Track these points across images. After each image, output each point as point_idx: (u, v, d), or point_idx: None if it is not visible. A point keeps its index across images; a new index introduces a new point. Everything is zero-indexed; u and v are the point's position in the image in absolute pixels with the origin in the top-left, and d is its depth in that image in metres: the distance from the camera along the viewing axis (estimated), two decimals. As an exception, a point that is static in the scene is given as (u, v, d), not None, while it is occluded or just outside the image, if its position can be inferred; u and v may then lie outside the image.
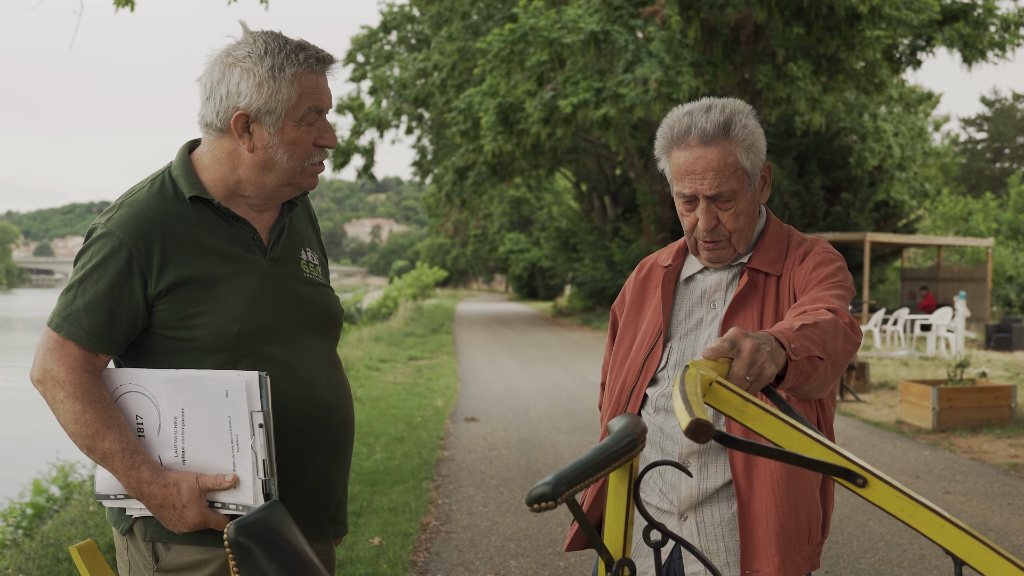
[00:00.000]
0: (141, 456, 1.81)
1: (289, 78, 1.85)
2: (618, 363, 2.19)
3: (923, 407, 9.41)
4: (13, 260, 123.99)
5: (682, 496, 2.04)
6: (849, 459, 1.25)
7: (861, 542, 5.46)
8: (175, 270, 1.85)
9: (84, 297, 1.84)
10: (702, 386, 1.35)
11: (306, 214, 2.14)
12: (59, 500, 7.08)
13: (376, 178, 31.69)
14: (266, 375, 1.79)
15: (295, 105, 1.86)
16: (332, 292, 2.10)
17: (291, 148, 1.88)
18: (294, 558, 1.65)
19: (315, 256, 2.09)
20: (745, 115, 2.02)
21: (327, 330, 2.04)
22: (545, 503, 1.20)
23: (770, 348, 1.57)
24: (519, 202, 52.98)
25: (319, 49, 1.91)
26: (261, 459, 1.79)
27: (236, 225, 1.93)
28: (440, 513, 6.15)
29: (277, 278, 1.95)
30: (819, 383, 1.74)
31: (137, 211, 1.87)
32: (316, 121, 1.90)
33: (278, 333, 1.92)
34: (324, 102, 1.90)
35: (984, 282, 23.15)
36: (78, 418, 1.80)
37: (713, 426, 1.24)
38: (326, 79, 1.92)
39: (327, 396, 1.96)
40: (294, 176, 1.91)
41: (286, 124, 1.86)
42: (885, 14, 16.77)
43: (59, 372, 1.82)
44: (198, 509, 1.80)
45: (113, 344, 1.86)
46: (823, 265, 2.00)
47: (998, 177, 52.59)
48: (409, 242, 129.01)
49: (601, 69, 18.68)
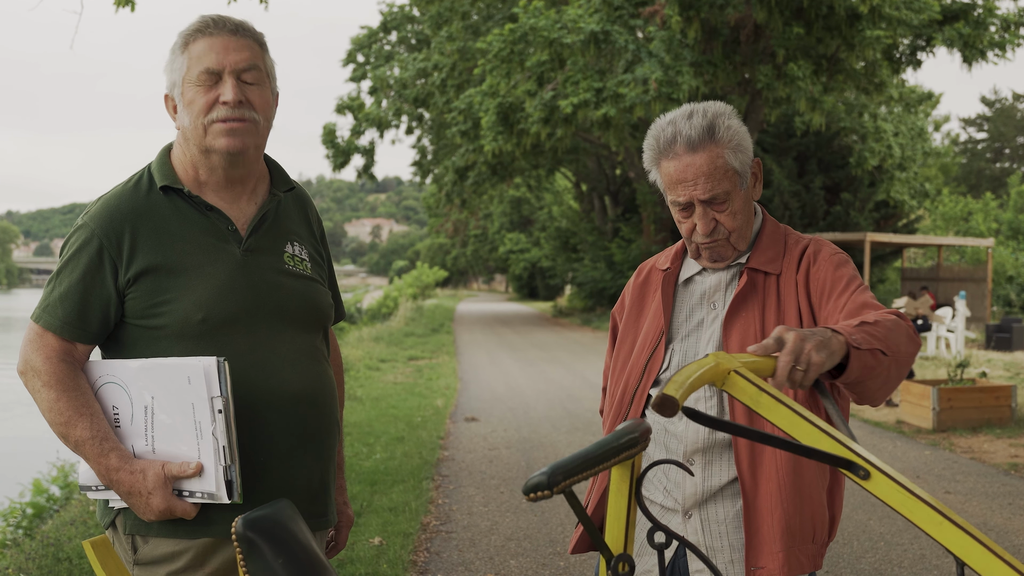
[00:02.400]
0: (110, 443, 1.84)
1: (180, 47, 1.94)
2: (619, 367, 2.20)
3: (923, 407, 9.41)
4: (13, 260, 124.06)
5: (687, 494, 2.04)
6: (854, 451, 1.25)
7: (861, 542, 5.46)
8: (143, 258, 1.89)
9: (60, 287, 1.90)
10: (720, 376, 1.40)
11: (300, 210, 2.14)
12: (59, 500, 7.08)
13: (376, 178, 31.67)
14: (224, 360, 1.80)
15: (188, 69, 1.92)
16: (319, 286, 2.08)
17: (190, 109, 1.92)
18: (301, 553, 1.66)
19: (304, 251, 2.08)
20: (727, 116, 2.02)
21: (307, 323, 2.03)
22: (541, 492, 1.20)
23: (821, 338, 1.59)
24: (519, 202, 52.98)
25: (218, 15, 1.96)
26: (222, 445, 1.80)
27: (209, 215, 1.96)
28: (440, 513, 6.15)
29: (250, 268, 1.95)
30: (883, 381, 1.75)
31: (110, 203, 1.94)
32: (216, 82, 1.91)
33: (248, 322, 1.92)
34: (216, 61, 1.90)
35: (984, 282, 23.15)
36: (52, 406, 1.85)
37: (678, 402, 1.30)
38: (227, 40, 1.92)
39: (299, 387, 1.95)
40: (202, 138, 1.92)
41: (185, 89, 1.93)
42: (885, 14, 16.77)
43: (37, 362, 1.87)
44: (163, 496, 1.81)
45: (88, 333, 1.90)
46: (843, 266, 2.02)
47: (998, 177, 52.59)
48: (409, 242, 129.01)
49: (601, 69, 18.67)
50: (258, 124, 1.95)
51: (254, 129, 1.94)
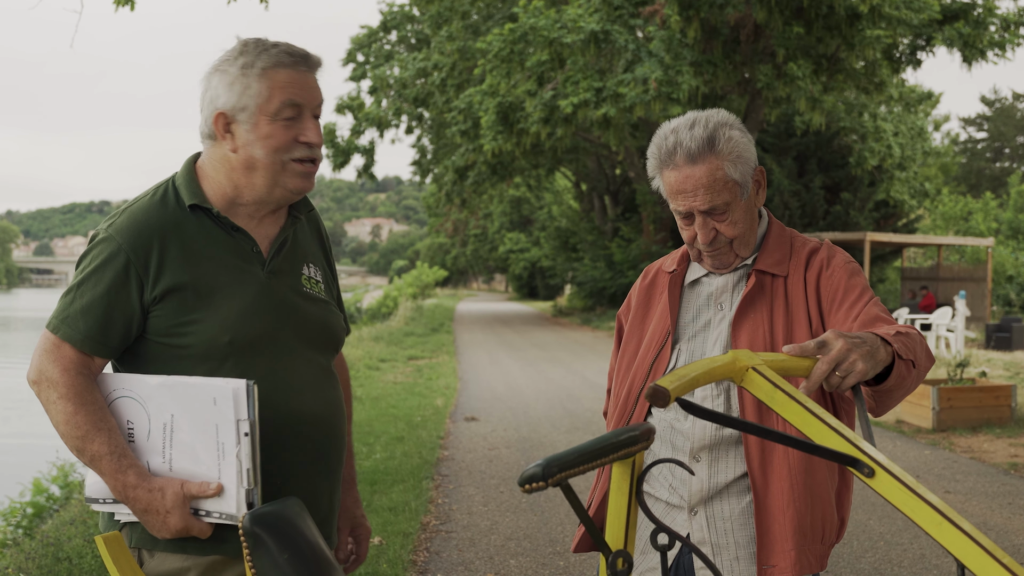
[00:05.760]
0: (128, 460, 1.82)
1: (258, 73, 1.86)
2: (624, 367, 2.21)
3: (923, 406, 9.41)
4: (13, 260, 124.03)
5: (692, 491, 2.04)
6: (860, 448, 1.26)
7: (861, 541, 5.46)
8: (171, 276, 1.86)
9: (82, 300, 1.86)
10: (738, 372, 1.42)
11: (315, 231, 2.14)
12: (59, 500, 7.08)
13: (376, 178, 31.67)
14: (254, 384, 1.79)
15: (267, 100, 1.86)
16: (333, 309, 2.08)
17: (266, 143, 1.87)
18: (307, 549, 1.66)
19: (319, 273, 2.07)
20: (729, 126, 2.02)
21: (323, 345, 2.03)
22: (536, 483, 1.20)
23: (869, 347, 1.61)
24: (519, 202, 52.99)
25: (296, 47, 1.91)
26: (246, 468, 1.79)
27: (235, 236, 1.94)
28: (440, 513, 6.15)
29: (274, 290, 1.95)
30: (905, 391, 1.80)
31: (137, 218, 1.89)
32: (296, 117, 1.89)
33: (271, 344, 1.92)
34: (301, 96, 1.88)
35: (984, 282, 23.15)
36: (69, 419, 1.82)
37: (669, 393, 1.31)
38: (306, 76, 1.91)
39: (316, 410, 1.95)
40: (277, 174, 1.90)
41: (260, 119, 1.87)
42: (885, 14, 16.78)
43: (53, 373, 1.83)
44: (181, 515, 1.80)
45: (108, 348, 1.87)
46: (857, 275, 2.04)
47: (998, 177, 52.61)
48: (409, 242, 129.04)
49: (601, 69, 18.68)
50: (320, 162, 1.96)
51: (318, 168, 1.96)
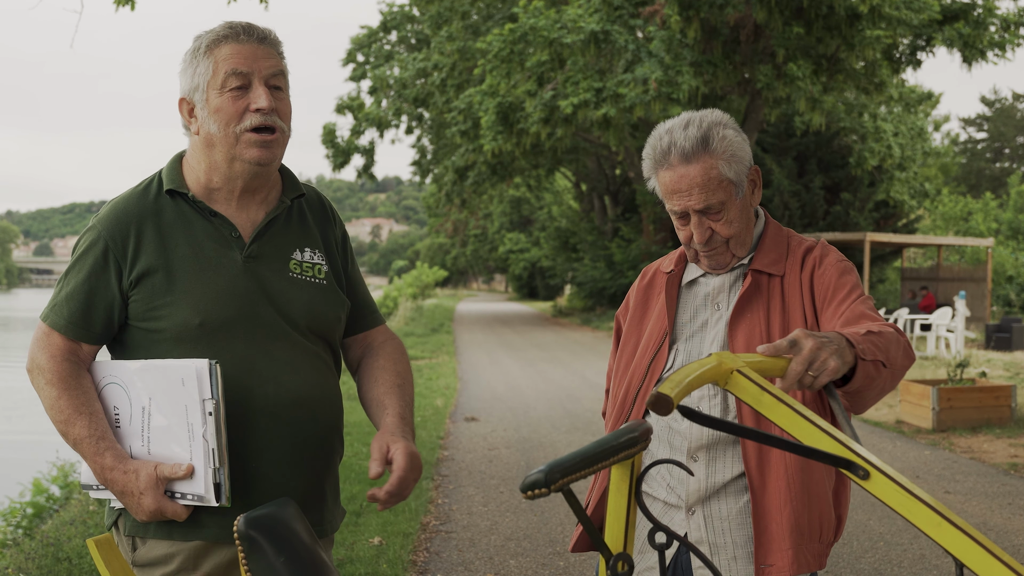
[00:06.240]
0: (107, 443, 1.86)
1: (204, 51, 1.92)
2: (622, 367, 2.21)
3: (923, 407, 9.41)
4: (13, 260, 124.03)
5: (690, 490, 2.05)
6: (853, 451, 1.26)
7: (861, 541, 5.46)
8: (145, 260, 1.91)
9: (67, 287, 1.93)
10: (722, 375, 1.42)
11: (319, 215, 2.13)
12: (59, 500, 7.08)
13: (376, 178, 31.70)
14: (216, 363, 1.82)
15: (213, 74, 1.90)
16: (330, 294, 2.05)
17: (217, 116, 1.90)
18: (303, 552, 1.66)
19: (319, 256, 2.06)
20: (723, 126, 2.03)
21: (308, 330, 2.01)
22: (538, 490, 1.20)
23: (836, 346, 1.63)
24: (519, 202, 53.00)
25: (240, 21, 1.95)
26: (211, 447, 1.81)
27: (213, 221, 1.96)
28: (440, 513, 6.15)
29: (252, 275, 1.95)
30: (878, 392, 1.80)
31: (118, 206, 1.97)
32: (245, 87, 1.90)
33: (247, 328, 1.92)
34: (245, 65, 1.90)
35: (984, 282, 23.14)
36: (53, 404, 1.88)
37: (672, 400, 1.31)
38: (253, 47, 1.92)
39: (295, 394, 1.94)
40: (232, 146, 1.91)
41: (209, 95, 1.91)
42: (885, 14, 16.77)
43: (42, 360, 1.90)
44: (154, 497, 1.82)
45: (92, 333, 1.92)
46: (847, 274, 2.05)
47: (998, 177, 52.60)
48: (409, 242, 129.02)
49: (601, 69, 18.68)
50: (285, 135, 1.95)
51: (282, 140, 1.95)
